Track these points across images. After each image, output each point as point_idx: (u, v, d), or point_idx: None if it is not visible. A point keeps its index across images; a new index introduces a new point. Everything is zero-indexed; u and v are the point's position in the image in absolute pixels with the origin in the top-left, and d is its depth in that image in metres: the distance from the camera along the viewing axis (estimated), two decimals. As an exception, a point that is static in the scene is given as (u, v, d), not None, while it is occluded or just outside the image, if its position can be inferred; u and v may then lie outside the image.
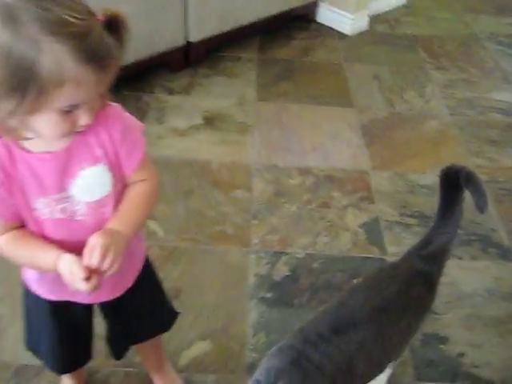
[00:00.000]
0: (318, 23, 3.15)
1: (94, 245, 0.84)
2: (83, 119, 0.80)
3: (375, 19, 3.24)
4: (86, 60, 0.73)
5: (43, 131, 0.80)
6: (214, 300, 1.64)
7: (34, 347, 1.18)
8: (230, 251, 1.79)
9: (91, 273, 0.84)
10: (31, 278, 1.03)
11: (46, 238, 0.91)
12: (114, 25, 0.77)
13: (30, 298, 1.09)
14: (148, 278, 1.15)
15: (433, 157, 2.26)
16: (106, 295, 1.05)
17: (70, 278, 0.85)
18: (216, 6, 2.54)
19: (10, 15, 0.70)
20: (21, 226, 0.91)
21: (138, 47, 2.36)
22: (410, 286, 1.21)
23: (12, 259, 0.93)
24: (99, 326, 1.21)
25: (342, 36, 3.06)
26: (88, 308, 1.11)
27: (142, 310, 1.16)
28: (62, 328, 1.10)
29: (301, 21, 3.11)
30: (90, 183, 0.89)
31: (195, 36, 2.55)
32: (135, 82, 2.48)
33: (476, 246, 1.90)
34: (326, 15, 3.11)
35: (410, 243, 1.80)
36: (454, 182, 1.24)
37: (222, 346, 1.52)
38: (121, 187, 0.94)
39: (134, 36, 2.24)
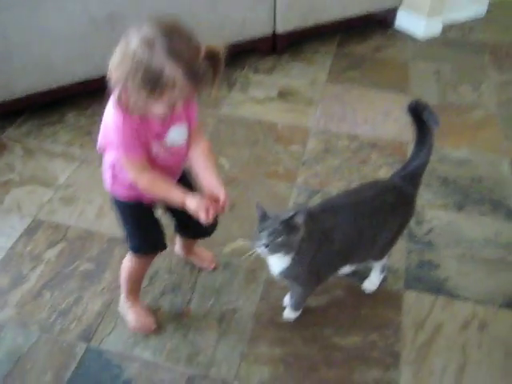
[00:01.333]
0: (396, 28, 3.59)
1: (225, 196, 1.38)
2: (178, 108, 1.32)
3: (450, 27, 3.61)
4: (188, 78, 1.19)
5: (156, 112, 1.31)
6: (258, 215, 2.14)
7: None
8: (278, 185, 2.30)
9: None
10: (122, 194, 1.54)
11: (156, 165, 1.43)
12: (212, 57, 1.24)
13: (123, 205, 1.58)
14: None
15: (469, 137, 2.62)
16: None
17: (195, 210, 1.35)
18: (300, 4, 3.08)
19: (150, 43, 1.20)
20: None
21: (233, 32, 2.96)
22: (385, 194, 1.63)
23: (151, 192, 1.44)
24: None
25: (414, 40, 3.48)
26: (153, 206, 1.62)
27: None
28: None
29: (380, 24, 3.59)
30: (176, 134, 1.43)
31: (281, 28, 3.11)
32: (230, 60, 3.06)
33: (487, 206, 2.24)
34: (403, 20, 3.54)
35: (428, 199, 2.22)
36: (421, 119, 1.62)
37: (257, 244, 2.02)
38: (189, 138, 1.48)
39: (232, 23, 2.93)
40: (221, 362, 1.65)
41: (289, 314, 1.77)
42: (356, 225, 1.58)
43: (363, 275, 1.89)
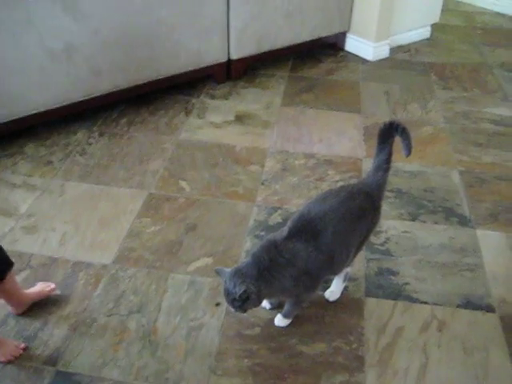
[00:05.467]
0: (346, 51, 3.75)
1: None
2: None
3: (398, 49, 3.78)
4: None
5: None
6: (221, 233, 2.19)
7: None
8: (238, 204, 2.35)
9: None
10: None
11: None
12: None
13: None
14: None
15: (420, 152, 2.73)
16: None
17: None
18: (253, 31, 3.19)
19: None
20: None
21: (190, 61, 3.04)
22: (355, 197, 1.72)
23: None
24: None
25: (364, 61, 3.63)
26: None
27: None
28: None
29: (331, 48, 3.73)
30: None
31: (236, 54, 3.20)
32: (187, 88, 3.18)
33: (440, 215, 2.34)
34: (353, 44, 3.70)
35: (384, 210, 2.30)
36: (389, 131, 1.79)
37: (220, 261, 2.06)
38: None
39: (188, 52, 3.00)
40: (189, 377, 1.66)
41: (280, 321, 1.82)
42: (339, 228, 1.65)
43: (325, 285, 1.94)
